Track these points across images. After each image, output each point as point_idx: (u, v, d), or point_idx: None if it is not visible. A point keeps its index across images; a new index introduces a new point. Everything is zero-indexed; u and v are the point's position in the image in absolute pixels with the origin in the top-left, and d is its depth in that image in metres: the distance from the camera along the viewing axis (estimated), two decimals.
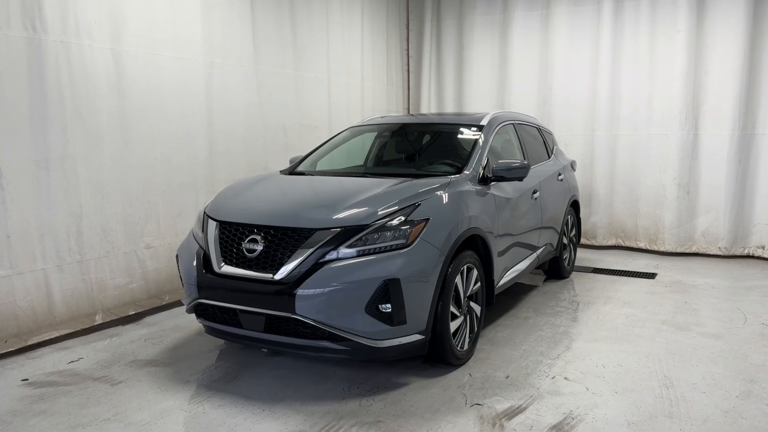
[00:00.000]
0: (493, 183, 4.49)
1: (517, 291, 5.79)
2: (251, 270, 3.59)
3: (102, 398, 3.54)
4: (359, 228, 3.52)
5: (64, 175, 4.41)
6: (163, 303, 5.26)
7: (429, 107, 8.83)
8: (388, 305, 3.39)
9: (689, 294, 5.73)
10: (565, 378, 3.80)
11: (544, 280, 6.24)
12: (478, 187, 4.31)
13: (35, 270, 4.29)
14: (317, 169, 5.04)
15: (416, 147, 5.18)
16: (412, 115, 6.59)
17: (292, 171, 4.93)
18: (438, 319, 3.68)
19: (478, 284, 4.17)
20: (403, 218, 3.61)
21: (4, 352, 4.13)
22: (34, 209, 4.24)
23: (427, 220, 3.66)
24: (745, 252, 7.25)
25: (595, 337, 4.53)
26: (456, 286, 3.85)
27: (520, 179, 4.50)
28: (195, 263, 3.79)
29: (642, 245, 7.74)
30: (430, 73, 8.81)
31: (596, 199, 7.90)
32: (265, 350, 4.22)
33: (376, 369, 3.92)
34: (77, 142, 4.47)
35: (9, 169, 4.08)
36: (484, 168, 4.48)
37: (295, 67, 6.51)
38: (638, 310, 5.19)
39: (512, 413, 3.34)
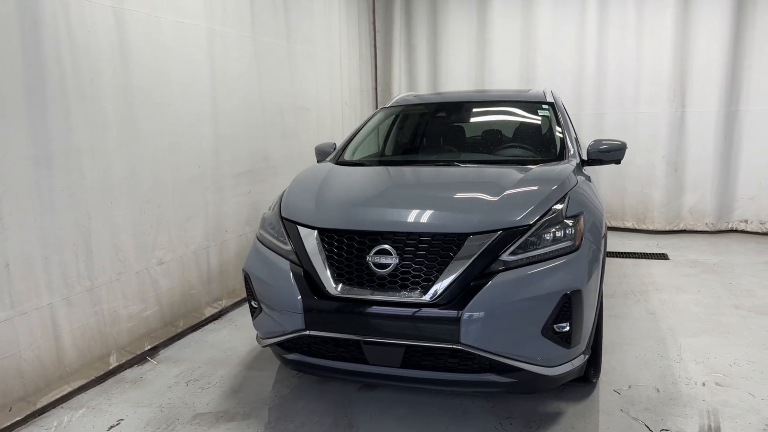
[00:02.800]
0: (585, 167, 3.96)
1: None
2: (384, 290, 2.79)
3: None
4: (523, 229, 2.83)
5: (68, 174, 3.27)
6: (178, 331, 4.20)
7: (400, 88, 8.12)
8: (566, 324, 2.75)
9: (723, 274, 5.60)
10: (716, 383, 3.39)
11: None
12: (584, 173, 3.76)
13: (41, 306, 3.14)
14: (367, 157, 4.23)
15: (486, 129, 4.49)
16: (454, 92, 5.86)
17: (340, 161, 4.06)
18: (597, 331, 3.10)
19: None
20: (563, 215, 2.96)
21: (9, 423, 2.97)
22: (35, 224, 3.09)
23: (582, 214, 3.04)
24: (729, 227, 7.37)
25: (692, 331, 4.18)
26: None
27: (618, 162, 4.00)
28: (295, 284, 2.89)
29: (629, 225, 7.64)
30: (400, 49, 8.09)
31: None
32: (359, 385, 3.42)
33: (510, 398, 3.27)
34: (81, 130, 3.34)
35: (3, 172, 2.91)
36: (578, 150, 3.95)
37: (287, 38, 5.54)
38: (698, 296, 4.95)
39: None
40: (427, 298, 2.72)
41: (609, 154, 3.91)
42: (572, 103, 7.50)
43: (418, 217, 2.90)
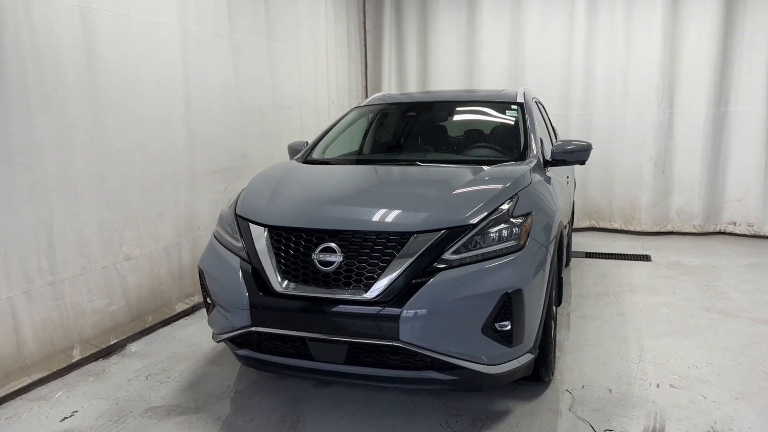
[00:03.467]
0: (549, 168, 3.98)
1: None
2: (328, 288, 2.82)
3: None
4: (466, 228, 2.85)
5: (29, 171, 3.33)
6: (147, 326, 4.27)
7: (390, 87, 8.15)
8: (507, 323, 2.77)
9: (700, 276, 5.58)
10: (671, 385, 3.39)
11: None
12: (545, 174, 3.77)
13: (0, 299, 3.21)
14: (333, 156, 4.26)
15: (452, 129, 4.52)
16: (427, 92, 5.88)
17: (308, 159, 4.11)
18: (544, 331, 3.11)
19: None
20: (509, 215, 2.97)
21: None
22: None
23: (530, 214, 3.06)
24: (717, 229, 7.34)
25: (657, 333, 4.18)
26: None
27: (583, 162, 4.01)
28: (242, 281, 2.94)
29: (617, 226, 7.62)
30: (390, 49, 8.11)
31: None
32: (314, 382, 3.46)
33: (459, 395, 3.29)
34: (44, 127, 3.40)
35: None
36: (542, 151, 3.96)
37: (268, 36, 5.59)
38: (671, 298, 4.94)
39: None
40: (368, 295, 2.75)
41: (573, 155, 3.92)
42: (560, 103, 7.50)
43: (363, 215, 2.93)
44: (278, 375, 3.51)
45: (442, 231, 2.82)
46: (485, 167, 3.51)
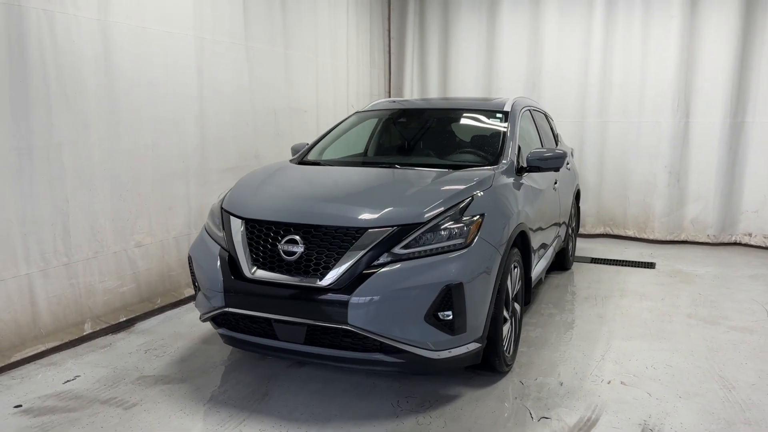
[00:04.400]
0: (525, 174, 4.20)
1: None
2: (291, 275, 3.16)
3: (118, 426, 3.04)
4: (415, 226, 3.14)
5: (49, 165, 3.81)
6: (156, 307, 4.72)
7: (412, 92, 8.46)
8: (449, 312, 3.05)
9: (697, 285, 5.65)
10: (622, 382, 3.57)
11: (548, 272, 6.04)
12: (516, 179, 4.01)
13: (18, 276, 3.69)
14: (333, 158, 4.60)
15: (440, 135, 4.79)
16: (424, 99, 6.19)
17: (301, 160, 4.47)
18: (493, 324, 3.36)
19: (520, 283, 3.88)
20: (460, 214, 3.25)
21: None
22: (15, 206, 3.64)
23: (482, 215, 3.32)
24: (733, 239, 7.30)
25: (629, 335, 4.33)
26: (506, 287, 3.55)
27: (557, 169, 4.22)
28: (219, 267, 3.32)
29: (631, 233, 7.68)
30: (413, 55, 8.42)
31: (585, 187, 7.77)
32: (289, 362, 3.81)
33: (417, 380, 3.58)
34: (63, 126, 3.87)
35: None
36: (518, 157, 4.19)
37: (285, 45, 5.99)
38: (658, 303, 5.05)
39: (585, 427, 3.08)
40: (324, 283, 3.07)
41: (546, 162, 4.13)
42: (576, 110, 7.63)
43: (325, 211, 3.27)
44: (260, 355, 3.88)
45: (393, 227, 3.12)
46: (453, 171, 3.78)
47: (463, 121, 4.82)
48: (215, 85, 5.13)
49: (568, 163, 5.84)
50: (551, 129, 5.88)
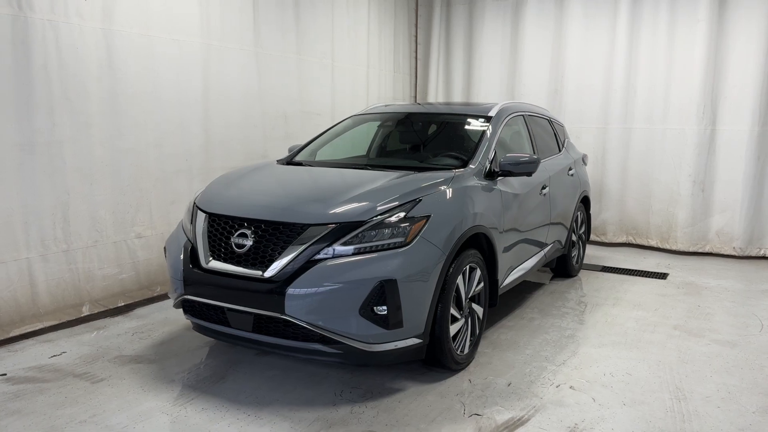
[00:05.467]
0: (500, 178, 4.26)
1: (523, 290, 5.57)
2: (240, 266, 3.39)
3: (81, 397, 3.36)
4: (356, 224, 3.30)
5: (50, 159, 4.21)
6: (155, 294, 5.08)
7: (437, 96, 8.56)
8: (384, 307, 3.18)
9: (702, 297, 5.49)
10: (571, 387, 3.59)
11: (551, 279, 6.01)
12: (484, 182, 4.08)
13: (19, 259, 4.10)
14: (317, 159, 4.81)
15: (421, 138, 4.93)
16: (417, 104, 6.34)
17: (289, 161, 4.71)
18: (437, 321, 3.47)
19: (481, 284, 3.95)
20: (402, 215, 3.39)
21: None
22: (18, 196, 4.05)
23: (428, 217, 3.43)
24: (761, 253, 6.98)
25: (602, 342, 4.30)
26: (457, 287, 3.64)
27: (529, 174, 4.27)
28: (182, 257, 3.59)
29: (653, 243, 7.48)
30: (438, 60, 8.53)
31: (607, 195, 7.64)
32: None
33: (371, 372, 3.72)
34: (64, 125, 4.26)
35: None
36: (491, 162, 4.25)
37: (298, 51, 6.26)
38: (649, 314, 4.96)
39: (513, 425, 3.13)
40: (266, 275, 3.27)
41: (518, 166, 4.18)
42: (599, 116, 7.52)
43: (273, 207, 3.48)
44: (231, 343, 4.12)
45: (334, 225, 3.29)
46: (415, 173, 3.91)
47: (447, 125, 4.92)
48: (222, 90, 5.44)
49: (571, 169, 5.81)
50: (555, 135, 5.86)
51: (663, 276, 6.23)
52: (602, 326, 4.64)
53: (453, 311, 3.61)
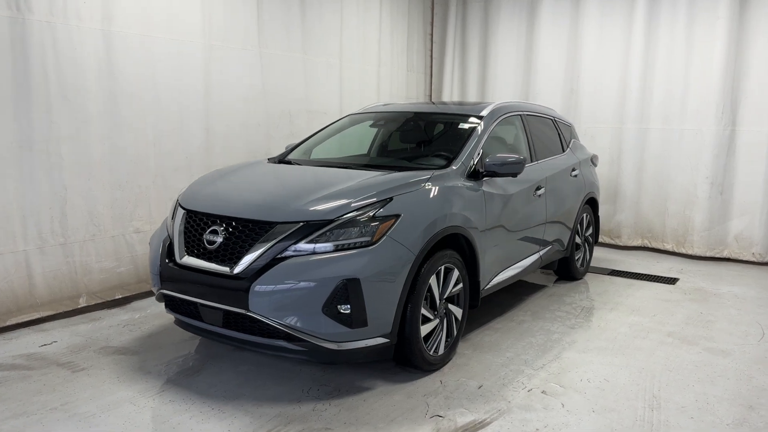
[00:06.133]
0: (485, 178, 4.22)
1: (521, 292, 5.50)
2: (211, 262, 3.45)
3: (58, 386, 3.48)
4: (323, 223, 3.32)
5: (48, 157, 4.37)
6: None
7: (451, 95, 8.51)
8: (348, 306, 3.20)
9: (708, 303, 5.31)
10: (543, 392, 3.53)
11: (555, 281, 5.91)
12: (468, 183, 4.04)
13: (16, 251, 4.27)
14: (311, 158, 4.86)
15: (412, 138, 4.92)
16: (413, 103, 6.30)
17: (280, 159, 4.76)
18: (406, 322, 3.46)
19: (460, 285, 3.92)
20: (371, 214, 3.39)
21: None
22: (15, 190, 4.22)
23: (397, 216, 3.43)
24: None
25: (588, 348, 4.22)
26: (430, 288, 3.62)
27: (514, 175, 4.21)
28: (160, 252, 3.69)
29: (669, 247, 7.26)
30: (453, 59, 8.48)
31: (622, 196, 7.46)
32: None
33: (343, 370, 3.74)
34: (62, 123, 4.42)
35: None
36: (476, 162, 4.21)
37: (303, 50, 6.32)
38: (645, 319, 4.83)
39: (472, 428, 3.11)
40: (234, 271, 3.33)
41: (503, 167, 4.13)
42: (615, 115, 7.35)
43: (242, 205, 3.54)
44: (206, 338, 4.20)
45: (300, 223, 3.32)
46: (393, 172, 3.90)
47: (439, 125, 4.90)
48: (224, 89, 5.54)
49: (574, 170, 5.70)
50: (559, 135, 5.76)
51: (672, 281, 6.05)
52: (593, 331, 4.55)
53: (425, 312, 3.60)
